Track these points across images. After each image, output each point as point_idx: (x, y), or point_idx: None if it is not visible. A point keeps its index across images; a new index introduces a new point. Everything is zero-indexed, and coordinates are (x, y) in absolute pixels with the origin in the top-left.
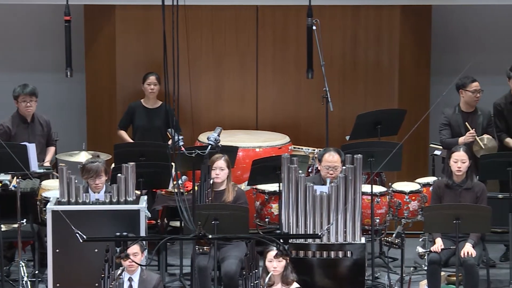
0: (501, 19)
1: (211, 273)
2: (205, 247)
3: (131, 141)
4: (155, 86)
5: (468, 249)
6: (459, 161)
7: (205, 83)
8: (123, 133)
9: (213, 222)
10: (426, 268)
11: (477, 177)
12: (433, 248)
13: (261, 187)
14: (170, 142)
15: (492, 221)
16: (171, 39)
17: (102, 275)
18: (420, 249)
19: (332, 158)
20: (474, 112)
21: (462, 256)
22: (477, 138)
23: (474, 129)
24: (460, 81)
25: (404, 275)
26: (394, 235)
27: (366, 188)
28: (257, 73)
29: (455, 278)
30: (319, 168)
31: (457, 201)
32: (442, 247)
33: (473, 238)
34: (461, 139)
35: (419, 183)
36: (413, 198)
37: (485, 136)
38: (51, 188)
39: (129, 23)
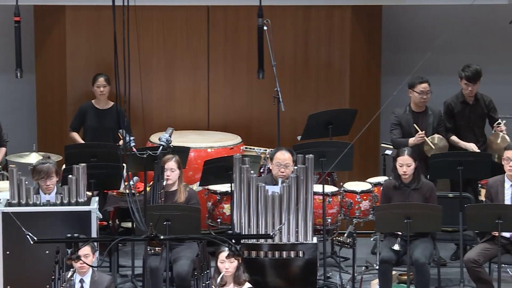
0: (451, 19)
1: (163, 274)
2: (156, 248)
3: (83, 142)
4: (105, 88)
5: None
6: (404, 165)
7: (156, 83)
8: (75, 135)
9: (164, 223)
10: (377, 267)
11: (428, 176)
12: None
13: (213, 187)
14: (121, 143)
15: (443, 220)
16: (121, 40)
17: (53, 277)
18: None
19: (283, 156)
20: (425, 112)
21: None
22: (427, 139)
23: (423, 131)
24: (411, 80)
25: (355, 275)
26: (345, 235)
27: (317, 188)
28: (208, 73)
29: (406, 277)
30: (270, 168)
31: (406, 201)
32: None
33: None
34: (411, 141)
35: (370, 183)
36: (365, 197)
37: (436, 135)
38: (1, 190)
39: (79, 24)
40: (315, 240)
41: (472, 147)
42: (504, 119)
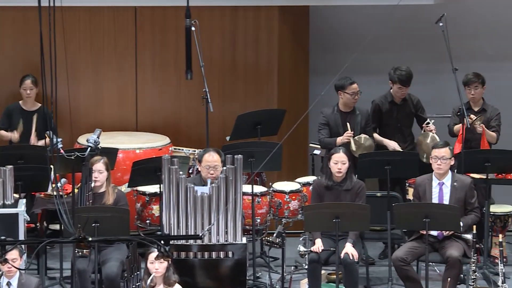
0: (378, 19)
1: (91, 276)
2: (85, 250)
3: (14, 134)
4: (31, 90)
5: (348, 250)
6: (339, 162)
7: (84, 84)
8: (2, 132)
9: (93, 224)
10: (306, 267)
11: (356, 176)
12: (313, 249)
13: (142, 188)
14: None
15: (371, 219)
16: (48, 41)
17: None
18: (301, 248)
19: (212, 158)
20: (353, 112)
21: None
22: (353, 139)
23: (353, 131)
24: (339, 82)
25: (285, 274)
26: (275, 235)
27: (246, 188)
28: (136, 74)
29: (335, 276)
30: (199, 169)
31: (337, 201)
32: (322, 248)
33: (352, 237)
34: (339, 139)
35: (299, 183)
36: (293, 197)
37: (363, 135)
38: None
39: (5, 25)
40: (244, 240)
41: (395, 145)
42: (432, 119)
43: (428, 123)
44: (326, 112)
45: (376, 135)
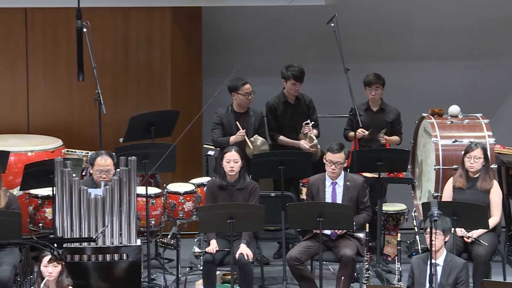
0: (270, 20)
1: None
2: None
3: None
4: None
5: (243, 250)
6: (232, 161)
7: None
8: None
9: None
10: (201, 268)
11: (250, 176)
12: (208, 249)
13: (34, 191)
14: None
15: (265, 219)
16: None
17: None
18: (196, 249)
19: (104, 161)
20: (246, 112)
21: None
22: (247, 139)
23: (245, 129)
24: (232, 83)
25: (180, 276)
26: (169, 236)
27: (140, 189)
28: (27, 76)
29: (230, 276)
30: (91, 172)
31: (231, 201)
32: (217, 248)
33: (246, 237)
34: (232, 138)
35: (194, 184)
36: (188, 198)
37: (260, 138)
38: None
39: None
40: (139, 242)
41: (304, 144)
42: (323, 118)
43: (308, 123)
44: (220, 112)
45: (283, 138)
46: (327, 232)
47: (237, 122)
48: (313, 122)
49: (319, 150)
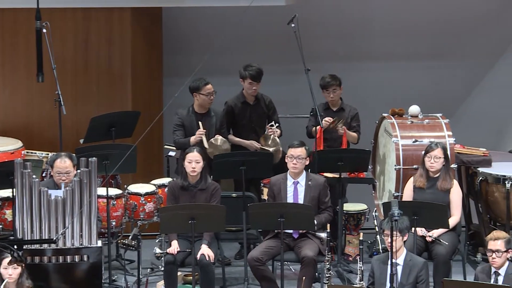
0: (231, 20)
1: None
2: None
3: None
4: None
5: (204, 251)
6: (193, 161)
7: None
8: None
9: None
10: (162, 269)
11: (211, 176)
12: (169, 250)
13: None
14: None
15: (227, 219)
16: None
17: None
18: (157, 250)
19: (63, 163)
20: (208, 113)
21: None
22: (204, 139)
23: (205, 130)
24: (194, 84)
25: (141, 277)
26: (130, 237)
27: (101, 191)
28: None
29: (191, 277)
30: (52, 174)
31: (192, 201)
32: (178, 249)
33: (207, 238)
34: (193, 139)
35: (155, 185)
36: (149, 199)
37: (220, 137)
38: None
39: None
40: (99, 243)
41: (253, 144)
42: (285, 119)
43: (272, 125)
44: (181, 113)
45: (232, 137)
46: (289, 232)
47: (200, 122)
48: (277, 124)
49: (281, 152)
